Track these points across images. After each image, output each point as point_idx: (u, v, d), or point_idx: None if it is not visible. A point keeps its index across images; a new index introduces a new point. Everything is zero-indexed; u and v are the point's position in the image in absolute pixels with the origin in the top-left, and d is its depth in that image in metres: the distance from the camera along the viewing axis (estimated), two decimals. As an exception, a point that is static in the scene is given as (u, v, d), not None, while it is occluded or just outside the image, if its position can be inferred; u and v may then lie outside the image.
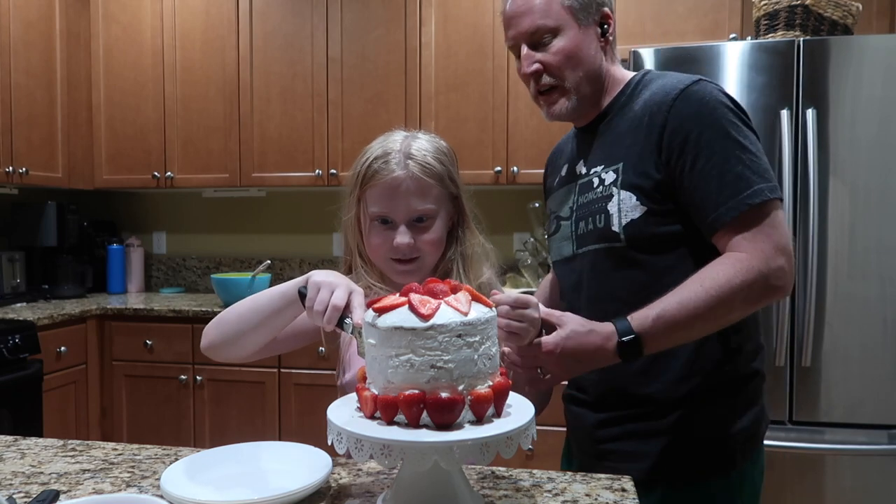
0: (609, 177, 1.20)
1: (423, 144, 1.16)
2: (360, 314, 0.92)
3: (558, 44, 1.20)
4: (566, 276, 1.31)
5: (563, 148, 1.42)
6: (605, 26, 1.24)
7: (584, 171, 1.28)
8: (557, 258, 1.33)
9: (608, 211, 1.19)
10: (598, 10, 1.23)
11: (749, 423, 1.19)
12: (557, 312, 1.08)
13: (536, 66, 1.21)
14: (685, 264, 1.13)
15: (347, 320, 0.93)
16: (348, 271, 1.23)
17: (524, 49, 1.23)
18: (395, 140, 1.17)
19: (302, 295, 0.99)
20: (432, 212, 1.15)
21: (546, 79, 1.22)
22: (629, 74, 1.28)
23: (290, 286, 1.04)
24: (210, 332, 1.13)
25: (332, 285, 0.95)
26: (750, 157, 1.10)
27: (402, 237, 1.13)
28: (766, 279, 1.05)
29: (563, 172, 1.35)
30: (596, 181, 1.23)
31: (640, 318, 1.06)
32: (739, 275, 1.05)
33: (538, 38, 1.21)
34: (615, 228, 1.17)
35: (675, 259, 1.16)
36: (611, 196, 1.19)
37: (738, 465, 1.18)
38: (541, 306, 1.06)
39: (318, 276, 0.98)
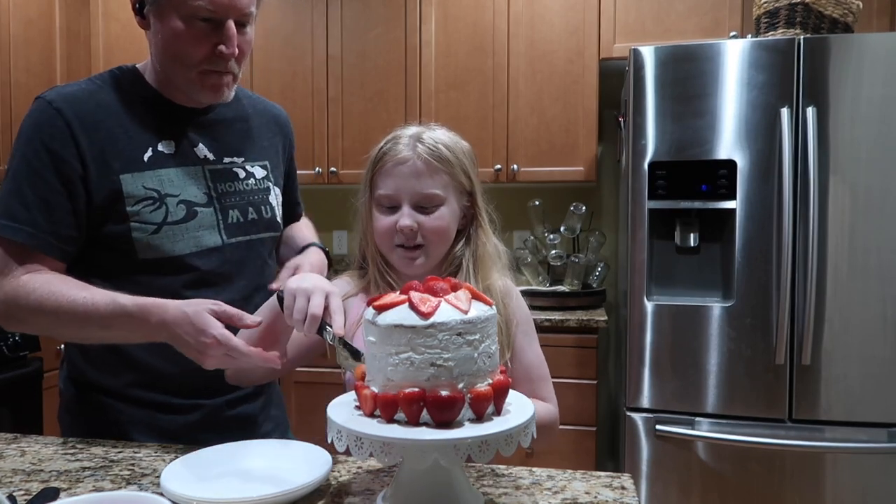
0: (259, 172, 1.31)
1: (436, 134, 1.16)
2: (339, 320, 0.92)
3: (249, 33, 1.21)
4: (211, 267, 1.20)
5: (107, 110, 1.25)
6: None
7: (211, 157, 1.25)
8: (196, 249, 1.19)
9: (270, 203, 1.31)
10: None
11: None
12: None
13: (233, 49, 1.17)
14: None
15: (329, 327, 0.91)
16: (362, 260, 1.23)
17: (231, 27, 1.15)
18: (410, 128, 1.18)
19: (280, 299, 0.97)
20: (438, 197, 1.13)
21: (233, 65, 1.21)
22: None
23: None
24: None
25: (307, 292, 0.93)
26: None
27: (406, 219, 1.11)
28: None
29: (164, 148, 1.21)
30: (241, 173, 1.28)
31: None
32: None
33: (244, 21, 1.18)
34: (279, 219, 1.33)
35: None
36: (268, 189, 1.32)
37: None
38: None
39: (292, 282, 0.96)
